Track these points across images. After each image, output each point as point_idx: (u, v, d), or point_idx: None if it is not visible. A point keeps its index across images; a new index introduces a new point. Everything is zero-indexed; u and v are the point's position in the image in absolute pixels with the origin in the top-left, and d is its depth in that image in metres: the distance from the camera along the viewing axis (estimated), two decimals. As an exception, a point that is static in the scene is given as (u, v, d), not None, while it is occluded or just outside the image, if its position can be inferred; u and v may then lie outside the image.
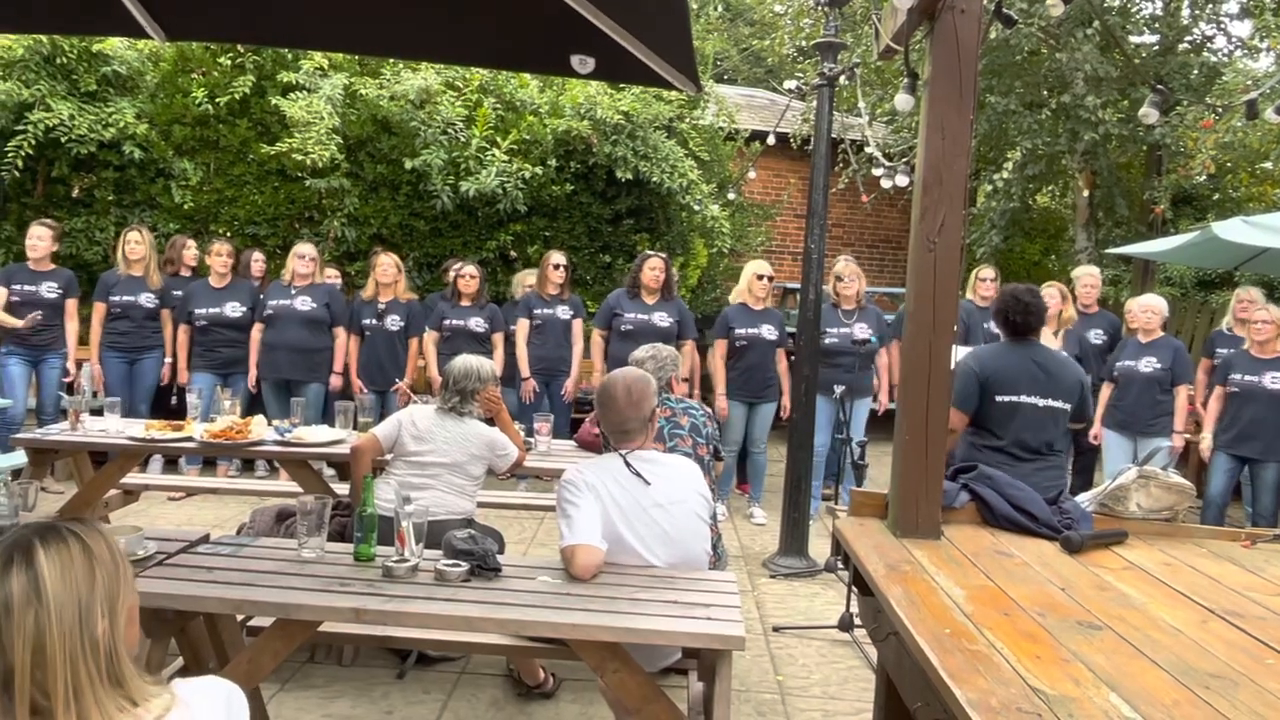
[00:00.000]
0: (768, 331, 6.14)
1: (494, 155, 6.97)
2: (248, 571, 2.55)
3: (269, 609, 2.36)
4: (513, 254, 7.57)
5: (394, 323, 6.25)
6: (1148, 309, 5.82)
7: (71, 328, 6.07)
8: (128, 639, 1.29)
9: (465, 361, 3.85)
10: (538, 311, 6.42)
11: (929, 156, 2.35)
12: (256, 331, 6.11)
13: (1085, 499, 2.64)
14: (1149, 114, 2.89)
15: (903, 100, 2.70)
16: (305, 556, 2.69)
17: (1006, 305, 3.56)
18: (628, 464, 2.76)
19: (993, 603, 1.93)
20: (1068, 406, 3.56)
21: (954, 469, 2.71)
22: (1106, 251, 9.47)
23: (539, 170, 7.10)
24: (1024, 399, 3.48)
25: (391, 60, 7.35)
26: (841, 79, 5.18)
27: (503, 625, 2.33)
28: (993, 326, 4.58)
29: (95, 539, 1.27)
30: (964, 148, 2.34)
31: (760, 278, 6.19)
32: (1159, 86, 2.90)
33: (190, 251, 6.59)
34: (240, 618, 3.10)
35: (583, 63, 3.41)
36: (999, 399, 3.48)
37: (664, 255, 6.28)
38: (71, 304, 6.06)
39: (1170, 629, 1.84)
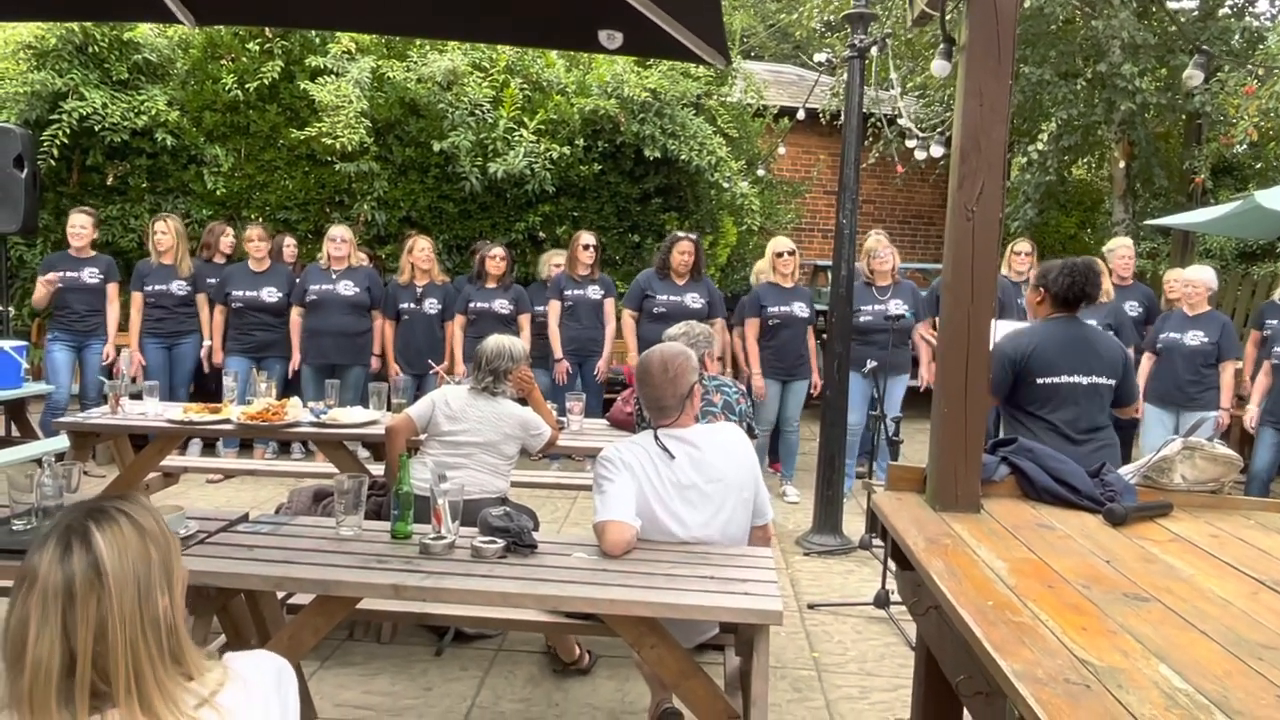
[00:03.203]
0: (799, 309, 6.10)
1: (521, 136, 6.95)
2: (287, 549, 2.57)
3: (309, 585, 2.39)
4: (541, 235, 7.57)
5: (432, 306, 6.29)
6: (1196, 280, 5.69)
7: (112, 312, 6.17)
8: (183, 610, 1.29)
9: (497, 341, 3.86)
10: (568, 292, 6.42)
11: (967, 123, 2.30)
12: (296, 315, 6.16)
13: (1128, 471, 2.59)
14: (1194, 76, 2.80)
15: (939, 66, 2.64)
16: (343, 534, 2.71)
17: (1085, 277, 3.41)
18: (658, 440, 2.76)
19: (1036, 575, 1.90)
20: (1112, 382, 3.47)
21: (993, 442, 2.67)
22: (1145, 223, 9.29)
23: (566, 150, 7.07)
24: (1066, 379, 3.39)
25: (418, 42, 7.35)
26: (872, 50, 5.09)
27: (540, 600, 2.34)
28: (1024, 301, 4.48)
29: (143, 515, 1.27)
30: (1002, 114, 2.29)
31: (780, 255, 6.14)
32: (1204, 48, 2.81)
33: (228, 238, 6.66)
34: (280, 595, 3.14)
35: (610, 38, 3.38)
36: (1040, 381, 3.38)
37: (693, 237, 6.23)
38: (112, 289, 6.15)
39: (1219, 600, 1.80)
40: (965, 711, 2.25)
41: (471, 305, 6.29)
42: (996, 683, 1.49)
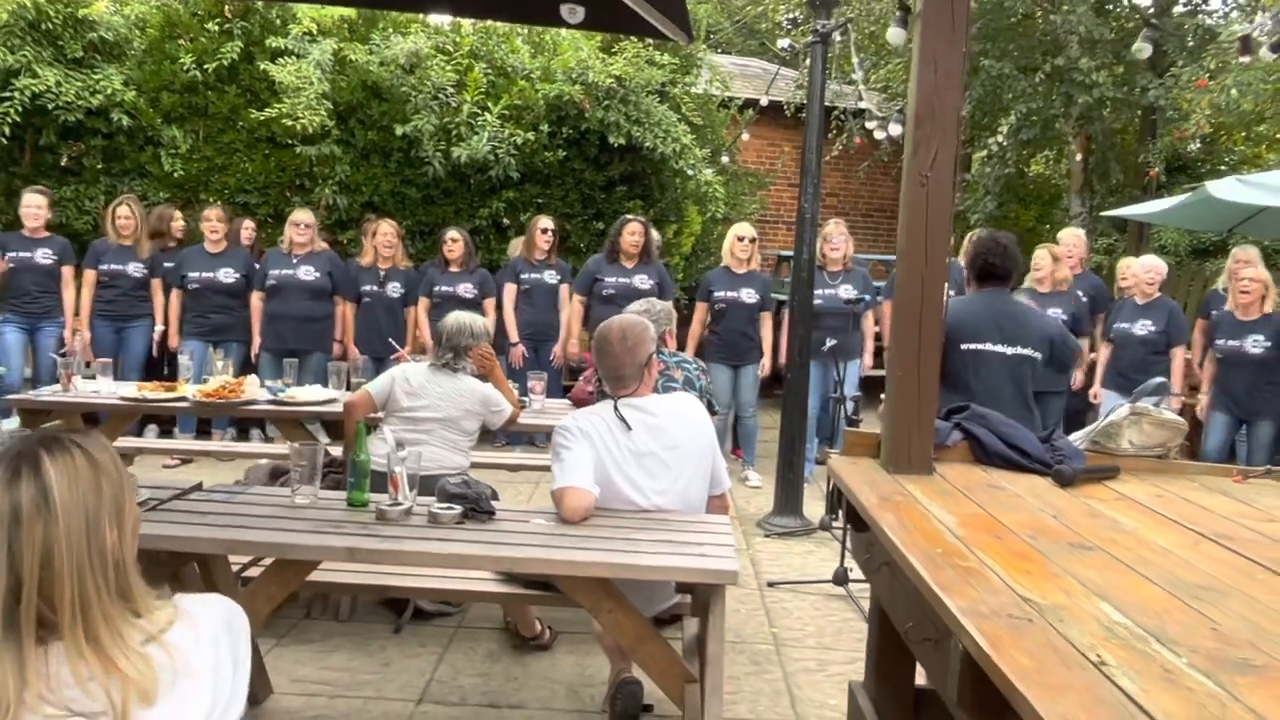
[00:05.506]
0: (747, 295, 6.14)
1: (485, 121, 6.91)
2: (241, 515, 2.55)
3: (264, 549, 2.37)
4: (505, 221, 7.53)
5: (394, 290, 6.25)
6: (1150, 269, 5.83)
7: (68, 295, 6.03)
8: (134, 549, 1.28)
9: (458, 318, 3.84)
10: (525, 276, 6.42)
11: (921, 90, 2.33)
12: (257, 300, 6.09)
13: (1077, 437, 2.65)
14: (1143, 49, 2.86)
15: (895, 34, 2.68)
16: (298, 502, 2.68)
17: (986, 248, 3.48)
18: (616, 410, 2.76)
19: (984, 528, 1.93)
20: (1038, 355, 3.48)
21: (946, 409, 2.71)
22: (1101, 215, 9.45)
23: (531, 136, 7.04)
24: (988, 346, 3.40)
25: (380, 24, 7.29)
26: (835, 35, 5.14)
27: (496, 563, 2.34)
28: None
29: (99, 449, 1.26)
30: (956, 81, 2.33)
31: (741, 239, 6.19)
32: (1152, 23, 2.87)
33: (178, 222, 6.55)
34: (235, 569, 3.10)
35: (572, 12, 3.38)
36: (963, 346, 3.39)
37: (643, 219, 6.26)
38: (67, 271, 6.01)
39: (1161, 549, 1.84)
40: (917, 667, 2.28)
41: (436, 289, 6.27)
42: (943, 622, 1.51)
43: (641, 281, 6.06)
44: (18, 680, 1.12)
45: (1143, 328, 5.73)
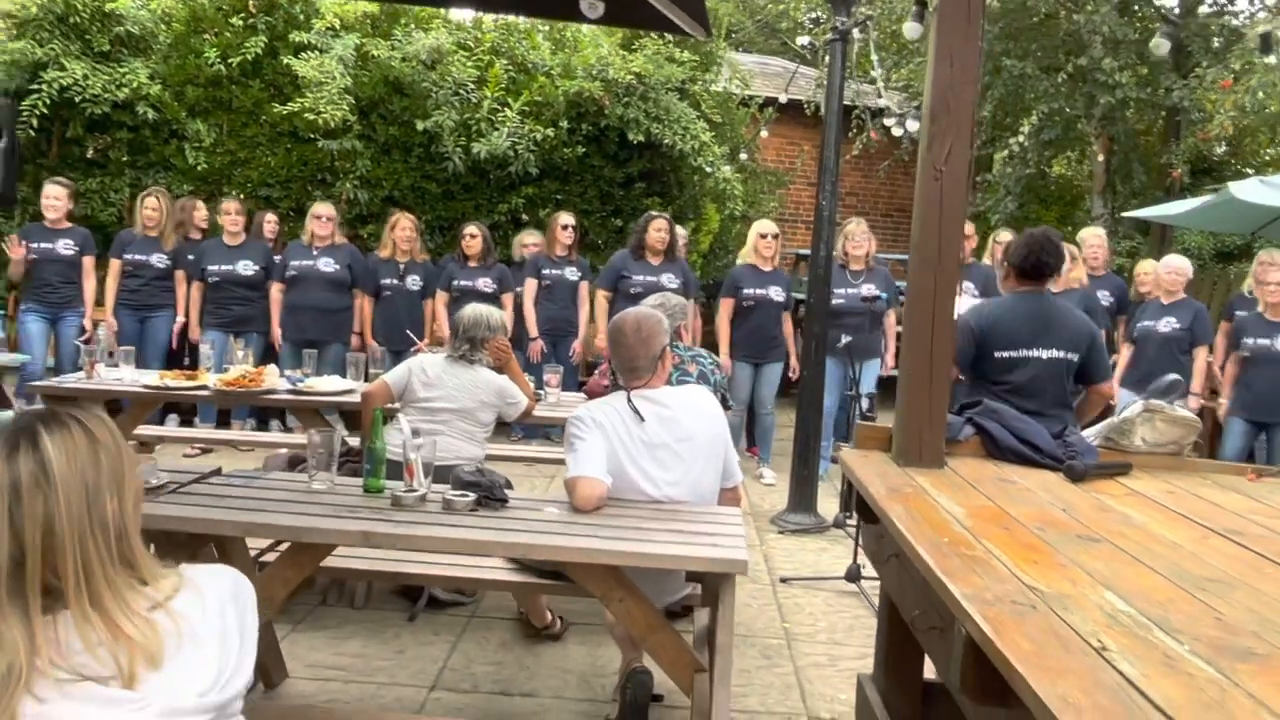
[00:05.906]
0: (775, 292, 6.14)
1: (505, 116, 6.95)
2: (259, 499, 2.58)
3: (280, 532, 2.40)
4: (524, 217, 7.57)
5: (414, 283, 6.31)
6: (1173, 269, 5.80)
7: (89, 286, 6.12)
8: (136, 520, 1.31)
9: (475, 310, 3.88)
10: (546, 272, 6.45)
11: (937, 84, 2.34)
12: (276, 291, 6.17)
13: (1090, 433, 2.64)
14: (1160, 45, 2.85)
15: (911, 28, 2.69)
16: (315, 488, 2.72)
17: (1039, 244, 3.38)
18: (630, 401, 2.79)
19: (993, 519, 1.94)
20: (1074, 357, 3.43)
21: (960, 405, 2.71)
22: (1123, 215, 9.38)
23: (550, 132, 7.08)
24: (1025, 352, 3.36)
25: (402, 20, 7.34)
26: (855, 33, 5.13)
27: (509, 549, 2.37)
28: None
29: (96, 424, 1.28)
30: (972, 75, 2.33)
31: (764, 236, 6.19)
32: (1170, 19, 2.86)
33: (201, 213, 6.63)
34: (253, 554, 3.15)
35: (592, 7, 3.41)
36: (998, 354, 3.36)
37: (668, 216, 6.27)
38: (88, 261, 6.10)
39: (1169, 543, 1.85)
40: (926, 659, 2.29)
41: (455, 283, 6.32)
42: (948, 610, 1.52)
43: (669, 280, 6.05)
44: (28, 646, 1.15)
45: (1167, 325, 5.70)
